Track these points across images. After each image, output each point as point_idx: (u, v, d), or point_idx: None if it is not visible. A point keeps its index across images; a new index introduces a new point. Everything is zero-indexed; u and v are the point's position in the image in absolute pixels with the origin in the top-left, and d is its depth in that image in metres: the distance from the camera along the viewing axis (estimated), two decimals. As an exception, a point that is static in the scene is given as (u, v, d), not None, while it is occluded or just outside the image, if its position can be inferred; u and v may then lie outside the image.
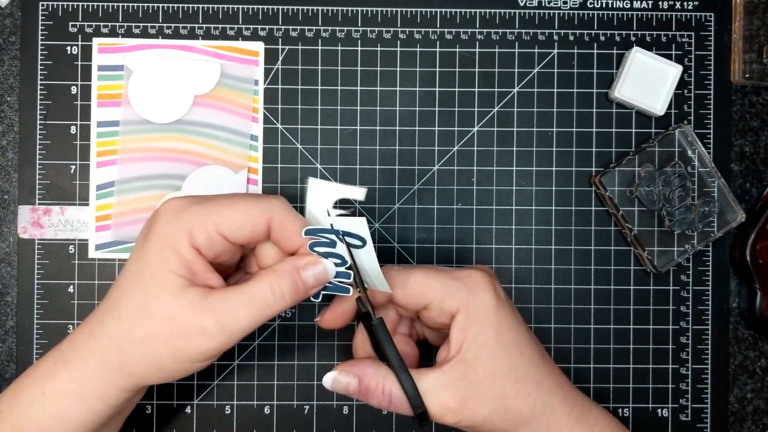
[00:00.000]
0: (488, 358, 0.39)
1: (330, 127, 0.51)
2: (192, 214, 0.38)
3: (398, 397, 0.39)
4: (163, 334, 0.37)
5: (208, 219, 0.38)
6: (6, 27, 0.51)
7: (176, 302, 0.37)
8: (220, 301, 0.37)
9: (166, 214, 0.38)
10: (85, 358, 0.38)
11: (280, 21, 0.51)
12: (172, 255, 0.37)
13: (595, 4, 0.52)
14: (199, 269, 0.38)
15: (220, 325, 0.36)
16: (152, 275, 0.37)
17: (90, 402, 0.38)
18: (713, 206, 0.50)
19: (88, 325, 0.39)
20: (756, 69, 0.51)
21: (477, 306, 0.39)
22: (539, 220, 0.51)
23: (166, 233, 0.37)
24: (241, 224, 0.38)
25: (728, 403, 0.51)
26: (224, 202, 0.38)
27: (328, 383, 0.41)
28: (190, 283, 0.37)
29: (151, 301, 0.37)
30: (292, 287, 0.38)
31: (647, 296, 0.51)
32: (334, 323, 0.43)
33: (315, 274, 0.39)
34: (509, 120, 0.51)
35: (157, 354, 0.37)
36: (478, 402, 0.39)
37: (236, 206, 0.38)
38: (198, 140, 0.50)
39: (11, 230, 0.50)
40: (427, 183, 0.51)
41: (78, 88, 0.51)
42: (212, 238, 0.38)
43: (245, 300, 0.37)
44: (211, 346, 0.37)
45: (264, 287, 0.38)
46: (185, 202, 0.39)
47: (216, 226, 0.38)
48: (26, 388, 0.39)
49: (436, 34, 0.51)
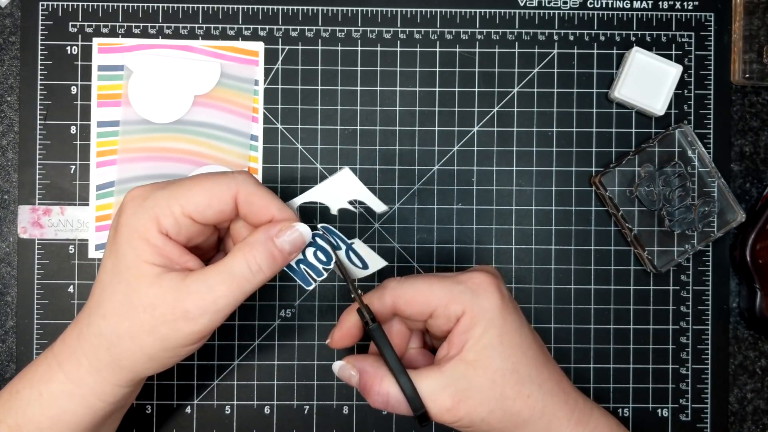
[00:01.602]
0: (490, 359, 0.39)
1: (330, 127, 0.51)
2: (156, 199, 0.37)
3: (396, 399, 0.39)
4: (148, 324, 0.37)
5: (173, 202, 0.37)
6: (6, 27, 0.51)
7: (155, 291, 0.36)
8: (197, 283, 0.37)
9: (130, 203, 0.38)
10: (78, 358, 0.38)
11: (280, 21, 0.51)
12: (143, 244, 0.37)
13: (595, 4, 0.52)
14: (172, 254, 0.37)
15: (201, 307, 0.36)
16: (127, 268, 0.37)
17: (88, 401, 0.39)
18: (713, 206, 0.50)
19: (76, 326, 0.39)
20: (756, 69, 0.51)
21: (481, 307, 0.39)
22: (539, 220, 0.51)
23: (133, 223, 0.37)
24: (206, 203, 0.37)
25: (728, 403, 0.51)
26: (187, 183, 0.38)
27: (336, 369, 0.41)
28: (167, 270, 0.37)
29: (131, 294, 0.37)
30: (269, 257, 0.38)
31: (647, 296, 0.51)
32: (344, 342, 0.42)
33: (291, 240, 0.38)
34: (509, 120, 0.51)
35: (145, 345, 0.37)
36: (476, 403, 0.38)
37: (200, 186, 0.38)
38: (198, 140, 0.50)
39: (11, 230, 0.50)
40: (427, 183, 0.51)
41: (78, 88, 0.51)
42: (180, 222, 0.37)
43: (223, 278, 0.37)
44: (195, 329, 0.37)
45: (240, 262, 0.37)
46: (148, 189, 0.38)
47: (182, 209, 0.37)
48: (23, 390, 0.39)
49: (436, 34, 0.51)
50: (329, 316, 0.50)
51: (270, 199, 0.38)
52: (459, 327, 0.39)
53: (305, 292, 0.50)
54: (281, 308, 0.51)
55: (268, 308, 0.51)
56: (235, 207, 0.38)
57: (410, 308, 0.40)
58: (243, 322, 0.50)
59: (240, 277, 0.37)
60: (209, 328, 0.37)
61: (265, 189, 0.39)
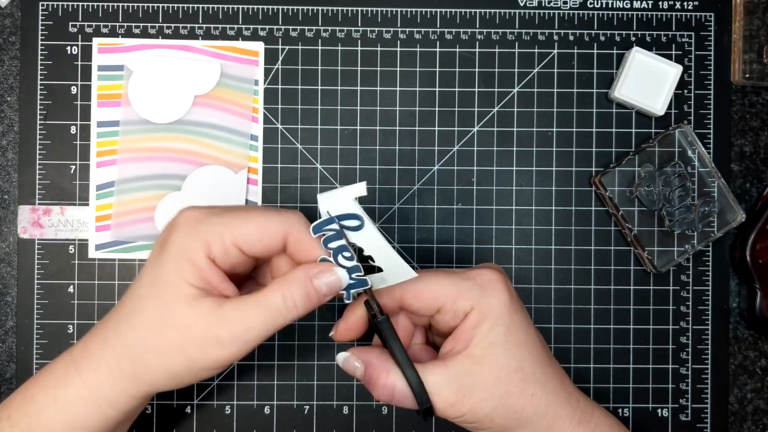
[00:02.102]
0: (496, 355, 0.39)
1: (330, 127, 0.51)
2: (209, 225, 0.38)
3: (402, 392, 0.39)
4: (178, 343, 0.37)
5: (225, 231, 0.38)
6: (6, 27, 0.51)
7: (190, 312, 0.37)
8: (233, 311, 0.37)
9: (183, 224, 0.38)
10: (98, 365, 0.38)
11: (280, 21, 0.51)
12: (188, 266, 0.37)
13: (595, 4, 0.52)
14: (214, 280, 0.38)
15: (233, 334, 0.37)
16: (168, 285, 0.37)
17: (102, 408, 0.39)
18: (713, 206, 0.50)
19: (102, 332, 0.39)
20: (756, 69, 0.51)
21: (489, 304, 0.39)
22: (539, 220, 0.51)
23: (184, 244, 0.38)
24: (257, 238, 0.38)
25: (728, 403, 0.51)
26: (242, 214, 0.39)
27: (340, 360, 0.41)
28: (205, 293, 0.38)
29: (166, 310, 0.37)
30: (305, 296, 0.38)
31: (647, 296, 0.51)
32: (349, 334, 0.43)
33: (328, 283, 0.39)
34: (509, 120, 0.51)
35: (171, 363, 0.37)
36: (480, 399, 0.39)
37: (253, 220, 0.38)
38: (198, 140, 0.50)
39: (11, 230, 0.50)
40: (427, 183, 0.51)
41: (78, 88, 0.51)
42: (229, 251, 0.38)
43: (258, 309, 0.37)
44: (224, 355, 0.37)
45: (276, 296, 0.38)
46: (203, 213, 0.39)
47: (233, 239, 0.38)
48: (38, 394, 0.39)
49: (436, 34, 0.51)
50: (329, 316, 0.50)
51: (318, 241, 0.39)
52: (466, 323, 0.39)
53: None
54: (281, 308, 0.50)
55: (268, 308, 0.50)
56: (283, 244, 0.39)
57: (418, 302, 0.40)
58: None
59: (275, 311, 0.38)
60: (237, 356, 0.37)
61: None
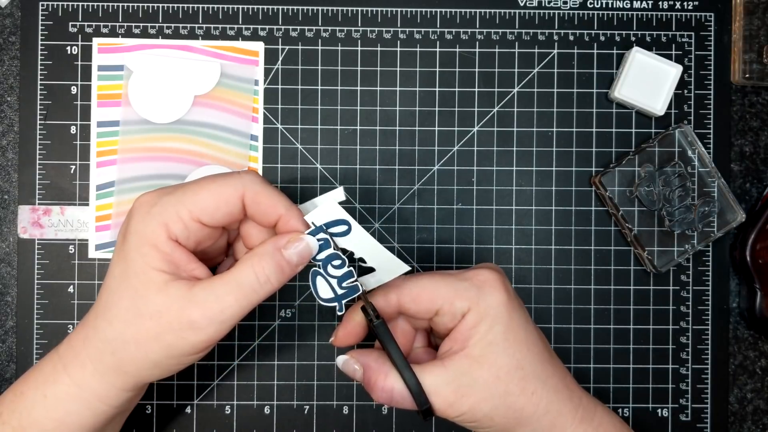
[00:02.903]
0: (495, 354, 0.39)
1: (330, 127, 0.51)
2: (164, 205, 0.37)
3: (400, 393, 0.39)
4: (153, 332, 0.37)
5: (181, 207, 0.37)
6: (6, 27, 0.51)
7: (161, 299, 0.36)
8: (205, 293, 0.37)
9: (139, 210, 0.38)
10: (83, 361, 0.38)
11: (280, 21, 0.51)
12: (152, 251, 0.37)
13: (595, 4, 0.52)
14: (181, 261, 0.37)
15: (208, 317, 0.36)
16: (135, 275, 0.37)
17: (92, 404, 0.39)
18: (713, 206, 0.50)
19: (83, 329, 0.39)
20: (756, 69, 0.51)
21: (487, 303, 0.39)
22: (539, 220, 0.51)
23: (142, 230, 0.37)
24: (214, 206, 0.37)
25: (728, 403, 0.51)
26: (194, 187, 0.38)
27: (339, 363, 0.41)
28: (174, 277, 0.37)
29: (138, 300, 0.37)
30: (277, 268, 0.38)
31: (647, 296, 0.51)
32: (348, 340, 0.42)
33: (298, 252, 0.38)
34: (509, 120, 0.51)
35: (150, 352, 0.37)
36: (480, 398, 0.38)
37: (207, 188, 0.38)
38: (198, 140, 0.50)
39: (11, 230, 0.50)
40: (427, 183, 0.51)
41: (78, 88, 0.51)
42: (189, 226, 0.37)
43: (230, 288, 0.37)
44: (201, 338, 0.37)
45: (248, 272, 0.37)
46: (155, 194, 0.38)
47: (190, 213, 0.37)
48: (27, 391, 0.39)
49: (436, 34, 0.51)
50: (329, 316, 0.50)
51: (277, 197, 0.38)
52: (464, 323, 0.39)
53: (305, 292, 0.50)
54: (281, 308, 0.51)
55: (268, 308, 0.50)
56: (243, 208, 0.38)
57: (416, 306, 0.40)
58: (243, 322, 0.50)
59: (248, 288, 0.37)
60: (215, 338, 0.37)
61: (272, 188, 0.39)
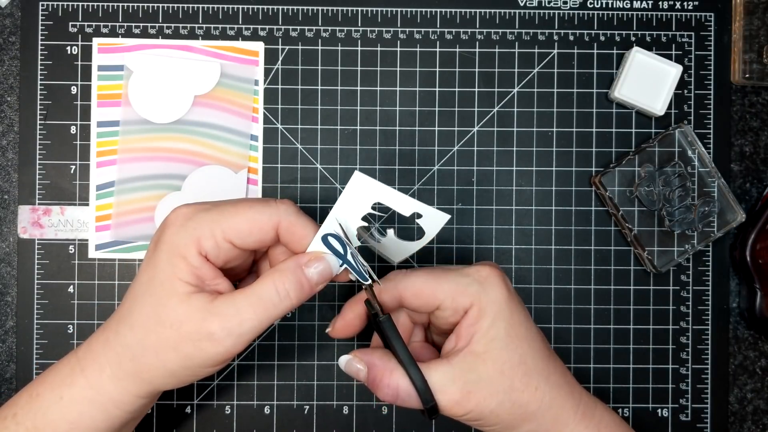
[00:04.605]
0: (498, 350, 0.39)
1: (330, 127, 0.51)
2: (200, 221, 0.38)
3: (406, 391, 0.39)
4: (173, 341, 0.37)
5: (216, 226, 0.38)
6: (6, 27, 0.51)
7: (183, 309, 0.37)
8: (225, 305, 0.37)
9: (174, 222, 0.38)
10: (101, 365, 0.39)
11: (280, 21, 0.51)
12: (180, 263, 0.37)
13: (595, 4, 0.52)
14: (207, 275, 0.38)
15: (227, 329, 0.37)
16: (161, 283, 0.38)
17: (107, 408, 0.39)
18: (713, 206, 0.50)
19: (104, 333, 0.39)
20: (756, 69, 0.51)
21: (489, 299, 0.39)
22: (539, 220, 0.51)
23: (175, 241, 0.38)
24: (248, 231, 0.38)
25: (728, 403, 0.51)
26: (231, 209, 0.39)
27: (342, 364, 0.41)
28: (198, 289, 0.38)
29: (161, 309, 0.37)
30: (297, 285, 0.38)
31: (647, 296, 0.51)
32: (345, 332, 0.43)
33: (319, 271, 0.39)
34: (509, 120, 0.51)
35: (167, 360, 0.38)
36: (485, 395, 0.39)
37: (243, 213, 0.38)
38: (198, 140, 0.50)
39: (11, 230, 0.50)
40: (427, 183, 0.51)
41: (78, 88, 0.51)
42: (221, 246, 0.38)
43: (250, 302, 0.37)
44: (218, 350, 0.37)
45: (268, 288, 0.38)
46: (193, 209, 0.39)
47: (224, 234, 0.38)
48: (44, 392, 0.39)
49: (436, 34, 0.51)
50: (329, 316, 0.50)
51: (310, 228, 0.39)
52: (467, 319, 0.39)
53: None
54: (281, 308, 0.50)
55: (268, 308, 0.50)
56: (276, 235, 0.39)
57: (417, 300, 0.40)
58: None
59: (267, 302, 0.37)
60: (233, 351, 0.37)
61: (305, 218, 0.39)
